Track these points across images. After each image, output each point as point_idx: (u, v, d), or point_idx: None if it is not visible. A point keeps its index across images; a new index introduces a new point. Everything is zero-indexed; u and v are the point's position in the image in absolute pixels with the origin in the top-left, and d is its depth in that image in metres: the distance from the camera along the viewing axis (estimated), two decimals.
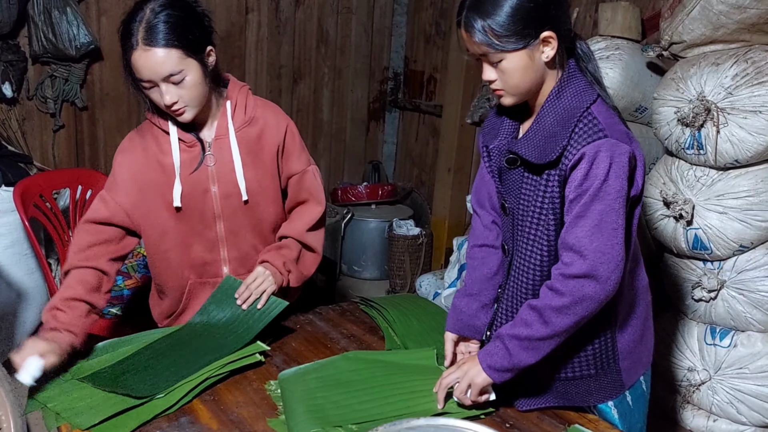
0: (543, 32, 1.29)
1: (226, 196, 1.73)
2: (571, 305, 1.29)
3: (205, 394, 1.49)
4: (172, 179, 1.68)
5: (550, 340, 1.33)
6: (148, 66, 1.52)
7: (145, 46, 1.51)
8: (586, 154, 1.27)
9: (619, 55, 2.57)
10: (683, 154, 2.22)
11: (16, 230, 2.74)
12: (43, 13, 3.11)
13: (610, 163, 1.26)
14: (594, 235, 1.27)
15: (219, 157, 1.72)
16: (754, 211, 2.11)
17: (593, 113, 1.30)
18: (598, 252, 1.27)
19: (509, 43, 1.28)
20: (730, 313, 2.21)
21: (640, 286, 1.47)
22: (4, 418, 2.01)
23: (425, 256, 4.09)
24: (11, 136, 3.25)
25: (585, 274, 1.28)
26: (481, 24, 1.28)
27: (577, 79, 1.35)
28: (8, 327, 2.77)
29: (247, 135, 1.74)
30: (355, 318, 1.96)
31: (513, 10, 1.26)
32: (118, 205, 1.69)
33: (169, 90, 1.56)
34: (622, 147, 1.27)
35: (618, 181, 1.26)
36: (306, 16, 4.16)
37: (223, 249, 1.79)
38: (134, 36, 1.51)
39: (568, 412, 1.48)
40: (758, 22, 2.08)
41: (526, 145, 1.36)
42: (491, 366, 1.36)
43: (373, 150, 4.79)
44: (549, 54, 1.31)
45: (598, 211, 1.27)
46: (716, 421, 2.32)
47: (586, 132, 1.29)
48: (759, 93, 2.02)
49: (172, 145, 1.67)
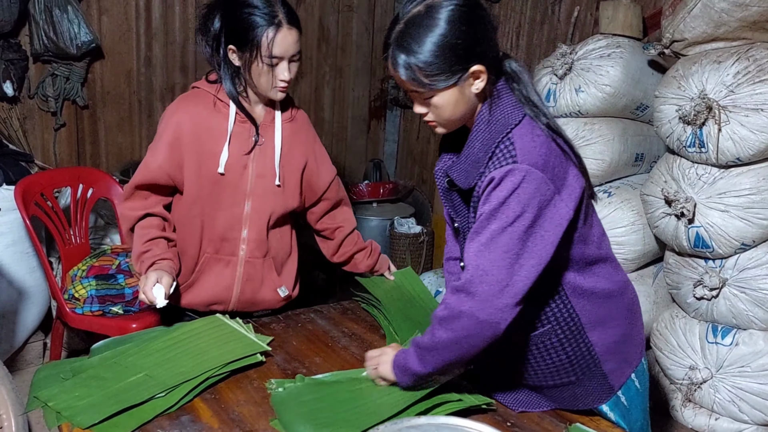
0: (472, 67, 1.26)
1: (261, 176, 1.82)
2: (450, 318, 1.28)
3: (206, 392, 1.50)
4: (219, 146, 1.77)
5: (433, 352, 1.33)
6: (289, 43, 1.68)
7: (289, 25, 1.67)
8: (495, 178, 1.26)
9: (620, 53, 2.57)
10: (685, 152, 2.22)
11: (18, 229, 2.74)
12: (44, 11, 3.11)
13: (514, 188, 1.23)
14: (480, 253, 1.25)
15: (263, 140, 1.82)
16: (755, 209, 2.10)
17: (512, 137, 1.28)
18: (480, 270, 1.24)
19: (438, 82, 1.26)
20: (732, 311, 2.21)
21: (611, 286, 1.43)
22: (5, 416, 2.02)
23: (427, 255, 4.09)
24: (12, 134, 3.26)
25: (464, 288, 1.26)
26: (407, 62, 1.26)
27: (504, 101, 1.33)
28: (9, 325, 2.77)
29: (287, 129, 1.86)
30: (356, 316, 1.96)
31: (439, 48, 1.24)
32: (159, 167, 1.77)
33: (291, 67, 1.72)
34: (533, 174, 1.23)
35: (519, 206, 1.23)
36: (307, 14, 4.15)
37: (245, 228, 1.84)
38: (278, 16, 1.66)
39: (568, 412, 1.48)
40: (760, 20, 2.08)
41: (457, 170, 1.36)
42: (394, 361, 1.43)
43: (374, 148, 4.79)
44: (479, 86, 1.30)
45: (491, 231, 1.24)
46: (718, 419, 2.32)
47: (500, 159, 1.27)
48: (761, 91, 2.02)
49: (230, 114, 1.78)
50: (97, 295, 2.55)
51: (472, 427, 1.18)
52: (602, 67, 2.55)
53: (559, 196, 1.27)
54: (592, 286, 1.40)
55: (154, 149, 1.79)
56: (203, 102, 1.79)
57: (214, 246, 1.86)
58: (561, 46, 2.67)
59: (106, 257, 2.73)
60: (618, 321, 1.45)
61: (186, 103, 1.81)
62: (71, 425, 1.37)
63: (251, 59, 1.69)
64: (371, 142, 4.75)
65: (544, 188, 1.24)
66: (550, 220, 1.26)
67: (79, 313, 2.57)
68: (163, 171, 1.77)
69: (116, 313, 2.56)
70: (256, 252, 1.87)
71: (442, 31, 1.23)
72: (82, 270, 2.66)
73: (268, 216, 1.85)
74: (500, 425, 1.40)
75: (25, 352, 2.98)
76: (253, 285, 1.89)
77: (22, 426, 2.04)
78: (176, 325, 1.75)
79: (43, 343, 3.04)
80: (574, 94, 2.61)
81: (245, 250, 1.86)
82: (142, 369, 1.54)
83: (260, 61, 1.68)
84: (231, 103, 1.77)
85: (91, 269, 2.64)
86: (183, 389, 1.46)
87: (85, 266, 2.68)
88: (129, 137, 3.70)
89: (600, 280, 1.41)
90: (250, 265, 1.87)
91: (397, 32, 1.27)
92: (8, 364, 2.60)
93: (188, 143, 1.77)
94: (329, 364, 1.64)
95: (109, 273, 2.63)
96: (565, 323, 1.39)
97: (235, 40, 1.69)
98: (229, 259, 1.87)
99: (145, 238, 1.77)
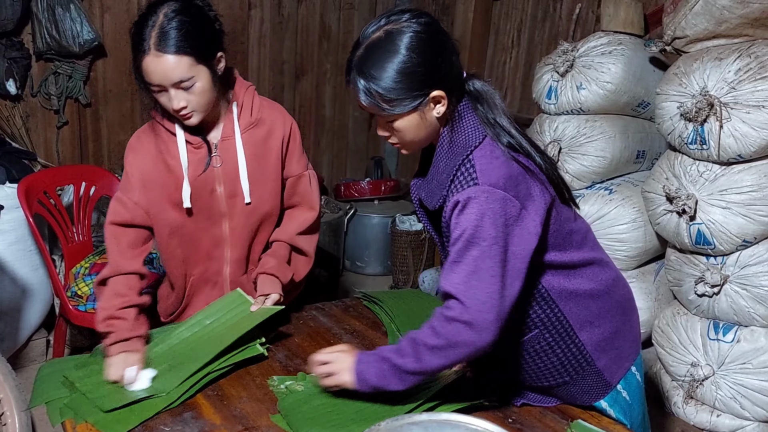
0: (432, 92, 1.27)
1: (232, 195, 1.74)
2: (445, 348, 1.27)
3: (208, 389, 1.50)
4: (180, 179, 1.69)
5: (418, 375, 1.32)
6: (159, 71, 1.52)
7: (157, 51, 1.50)
8: (459, 201, 1.26)
9: (621, 50, 2.56)
10: (686, 149, 2.22)
11: (21, 227, 2.75)
12: (47, 10, 3.12)
13: (482, 210, 1.23)
14: (471, 282, 1.24)
15: (225, 158, 1.72)
16: (757, 206, 2.10)
17: (472, 159, 1.28)
18: (479, 302, 1.24)
19: (398, 107, 1.26)
20: (734, 308, 2.21)
21: (597, 287, 1.43)
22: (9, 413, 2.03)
23: (428, 252, 4.09)
24: (15, 132, 3.26)
25: (463, 320, 1.25)
26: (367, 87, 1.26)
27: (466, 123, 1.32)
28: (13, 323, 2.78)
29: (253, 136, 1.74)
30: (357, 314, 1.97)
31: (398, 75, 1.24)
32: (136, 204, 1.70)
33: (177, 95, 1.55)
34: (496, 194, 1.24)
35: (494, 227, 1.23)
36: (308, 11, 4.15)
37: (227, 248, 1.80)
38: (146, 41, 1.50)
39: (571, 408, 1.49)
40: (761, 17, 2.07)
41: (425, 190, 1.38)
42: (360, 374, 1.36)
43: (375, 146, 4.79)
44: (440, 111, 1.30)
45: (473, 258, 1.24)
46: (720, 416, 2.32)
47: (462, 181, 1.27)
48: (762, 88, 2.02)
49: (179, 147, 1.68)
50: None
51: (474, 424, 1.18)
52: (604, 65, 2.55)
53: (525, 211, 1.27)
54: (576, 288, 1.40)
55: (126, 187, 1.71)
56: (157, 135, 1.71)
57: (199, 269, 1.81)
58: (562, 44, 2.67)
59: None
60: (607, 318, 1.45)
61: (140, 142, 1.73)
62: (74, 421, 1.38)
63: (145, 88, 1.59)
64: (372, 140, 4.75)
65: (510, 206, 1.25)
66: (519, 236, 1.26)
67: (82, 310, 2.58)
68: (139, 207, 1.70)
69: None
70: (238, 271, 1.83)
71: (402, 58, 1.24)
72: (84, 267, 2.67)
73: (247, 235, 1.79)
74: (502, 422, 1.41)
75: (29, 350, 2.99)
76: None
77: (26, 423, 2.04)
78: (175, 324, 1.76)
79: (46, 341, 3.05)
80: (576, 91, 2.61)
81: (229, 270, 1.82)
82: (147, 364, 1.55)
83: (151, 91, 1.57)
84: (178, 132, 1.68)
85: (93, 267, 2.65)
86: (185, 386, 1.47)
87: (87, 264, 2.69)
88: (131, 135, 3.70)
89: (585, 282, 1.41)
90: (236, 284, 1.81)
91: (358, 57, 1.28)
92: (11, 361, 2.61)
93: (150, 181, 1.70)
94: None
95: None
96: (552, 326, 1.40)
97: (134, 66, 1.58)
98: (216, 280, 1.82)
99: (122, 302, 1.63)
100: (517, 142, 1.32)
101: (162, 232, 1.75)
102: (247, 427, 1.37)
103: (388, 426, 1.16)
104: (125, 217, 1.70)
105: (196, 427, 1.36)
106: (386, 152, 4.83)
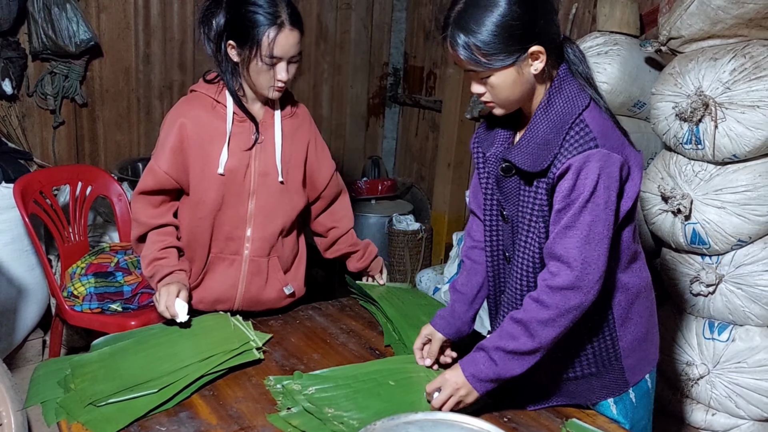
0: (531, 47, 1.27)
1: (264, 174, 1.82)
2: (557, 317, 1.29)
3: (204, 389, 1.50)
4: (220, 147, 1.76)
5: (536, 353, 1.32)
6: (290, 44, 1.68)
7: (292, 26, 1.67)
8: (573, 165, 1.26)
9: (617, 50, 2.57)
10: (681, 149, 2.23)
11: (17, 227, 2.75)
12: (43, 9, 3.12)
13: (599, 174, 1.24)
14: (583, 246, 1.26)
15: (265, 137, 1.81)
16: (752, 205, 2.11)
17: (585, 120, 1.28)
18: (585, 263, 1.26)
19: (496, 61, 1.26)
20: (729, 307, 2.21)
21: (641, 283, 1.45)
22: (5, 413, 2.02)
23: (425, 251, 4.09)
24: (11, 132, 3.26)
25: (571, 285, 1.27)
26: (466, 41, 1.26)
27: (569, 84, 1.33)
28: (9, 323, 2.77)
29: (287, 126, 1.85)
30: (354, 313, 1.97)
31: (498, 28, 1.24)
32: (165, 173, 1.78)
33: (289, 68, 1.72)
34: (613, 157, 1.25)
35: (607, 192, 1.25)
36: (305, 11, 4.15)
37: (249, 227, 1.84)
38: (281, 16, 1.65)
39: (566, 407, 1.49)
40: (756, 17, 2.08)
41: (520, 154, 1.34)
42: (475, 375, 1.35)
43: (372, 145, 4.79)
44: (538, 67, 1.30)
45: (587, 222, 1.26)
46: (715, 415, 2.33)
47: (578, 141, 1.27)
48: (757, 88, 2.02)
49: (227, 116, 1.76)
50: (96, 293, 2.55)
51: (470, 423, 1.19)
52: (599, 65, 2.56)
53: (633, 174, 1.32)
54: (628, 281, 1.42)
55: (159, 155, 1.78)
56: (202, 105, 1.78)
57: (218, 246, 1.85)
58: None
59: (105, 255, 2.74)
60: (642, 318, 1.46)
61: (186, 107, 1.80)
62: (69, 421, 1.37)
63: (250, 57, 1.67)
64: (370, 139, 4.76)
65: (624, 169, 1.28)
66: (627, 196, 1.32)
67: (78, 310, 2.58)
68: (168, 177, 1.78)
69: (115, 310, 2.57)
70: (260, 251, 1.86)
71: (501, 11, 1.24)
72: (81, 267, 2.67)
73: (271, 216, 1.85)
74: (497, 421, 1.41)
75: (25, 350, 2.99)
76: (257, 283, 1.88)
77: (22, 423, 2.05)
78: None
79: (43, 341, 3.05)
80: None
81: (249, 249, 1.85)
82: (141, 365, 1.55)
83: (259, 60, 1.67)
84: (228, 103, 1.77)
85: (90, 267, 2.65)
86: (177, 386, 1.47)
87: (84, 264, 2.69)
88: (127, 135, 3.71)
89: (634, 277, 1.43)
90: (254, 263, 1.86)
91: (457, 12, 1.28)
92: (7, 361, 2.61)
93: (191, 147, 1.76)
94: (328, 361, 1.65)
95: (107, 270, 2.64)
96: (597, 315, 1.39)
97: (235, 36, 1.68)
98: (234, 258, 1.86)
99: (161, 245, 1.79)
100: (606, 106, 1.35)
101: (191, 200, 1.82)
102: (244, 426, 1.37)
103: (384, 425, 1.16)
104: (153, 185, 1.79)
105: (192, 427, 1.36)
106: (383, 152, 4.84)
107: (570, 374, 1.46)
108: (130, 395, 1.43)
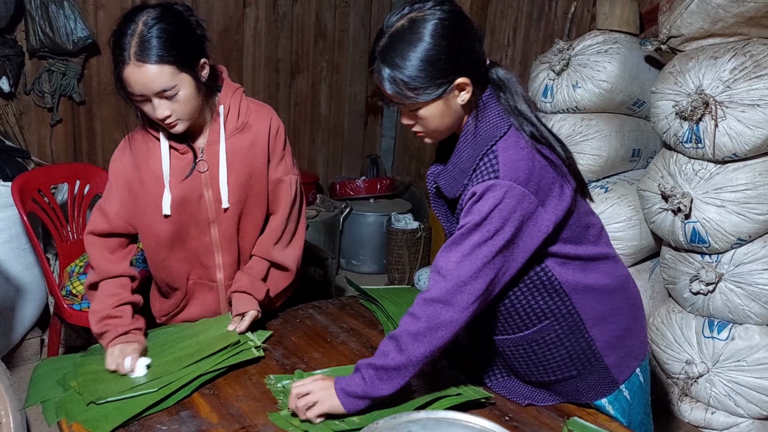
0: (457, 79, 1.27)
1: (218, 200, 1.72)
2: (427, 331, 1.27)
3: (204, 388, 1.50)
4: (163, 187, 1.67)
5: (404, 370, 1.30)
6: (140, 81, 1.49)
7: (137, 61, 1.47)
8: (476, 193, 1.27)
9: (617, 49, 2.57)
10: (681, 147, 2.23)
11: (15, 225, 2.74)
12: (40, 7, 3.10)
13: (496, 204, 1.24)
14: (462, 262, 1.26)
15: (212, 163, 1.70)
16: (752, 204, 2.11)
17: (497, 150, 1.28)
18: (460, 280, 1.25)
19: (423, 95, 1.26)
20: (728, 305, 2.22)
21: (613, 282, 1.44)
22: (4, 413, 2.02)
23: (424, 250, 4.09)
24: (9, 130, 3.25)
25: (443, 298, 1.26)
26: (392, 76, 1.26)
27: (491, 111, 1.33)
28: (7, 322, 2.77)
29: (239, 141, 1.71)
30: (354, 312, 1.97)
31: (423, 63, 1.24)
32: (116, 214, 1.70)
33: (161, 105, 1.52)
34: (516, 190, 1.24)
35: (501, 222, 1.24)
36: (304, 10, 4.14)
37: (218, 254, 1.78)
38: (126, 50, 1.47)
39: (567, 405, 1.49)
40: (756, 16, 2.08)
41: (445, 179, 1.37)
42: (344, 389, 1.33)
43: (371, 144, 4.79)
44: (465, 98, 1.30)
45: (472, 243, 1.25)
46: (714, 413, 2.33)
47: (483, 172, 1.28)
48: (757, 86, 2.02)
49: (162, 154, 1.66)
50: None
51: (471, 422, 1.19)
52: (599, 63, 2.56)
53: (542, 209, 1.28)
54: (592, 282, 1.40)
55: (108, 197, 1.71)
56: (143, 141, 1.69)
57: (196, 272, 1.80)
58: (558, 42, 2.68)
59: None
60: (620, 316, 1.45)
61: (125, 149, 1.72)
62: (69, 420, 1.37)
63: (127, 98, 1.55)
64: (368, 138, 4.75)
65: (526, 202, 1.26)
66: (529, 233, 1.28)
67: (77, 309, 2.57)
68: (120, 218, 1.70)
69: None
70: (232, 276, 1.81)
71: (426, 45, 1.24)
72: (79, 266, 2.66)
73: (236, 240, 1.78)
74: (499, 419, 1.41)
75: (23, 349, 2.98)
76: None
77: (21, 422, 2.04)
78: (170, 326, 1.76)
79: (41, 340, 3.04)
80: (571, 89, 2.62)
81: (223, 275, 1.80)
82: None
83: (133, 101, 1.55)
84: (162, 139, 1.65)
85: (88, 265, 2.63)
86: (177, 384, 1.46)
87: (82, 262, 2.68)
88: (125, 133, 3.66)
89: (600, 277, 1.42)
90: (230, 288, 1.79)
91: (382, 46, 1.28)
92: (6, 360, 2.60)
93: (135, 190, 1.68)
94: (328, 360, 1.65)
95: None
96: (563, 319, 1.40)
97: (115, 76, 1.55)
98: (211, 285, 1.81)
99: (115, 300, 1.64)
100: (539, 132, 1.33)
101: (149, 241, 1.74)
102: (244, 425, 1.37)
103: (386, 424, 1.16)
104: (104, 227, 1.70)
105: (193, 426, 1.36)
106: (382, 150, 4.84)
107: (551, 377, 1.47)
108: (130, 394, 1.42)
